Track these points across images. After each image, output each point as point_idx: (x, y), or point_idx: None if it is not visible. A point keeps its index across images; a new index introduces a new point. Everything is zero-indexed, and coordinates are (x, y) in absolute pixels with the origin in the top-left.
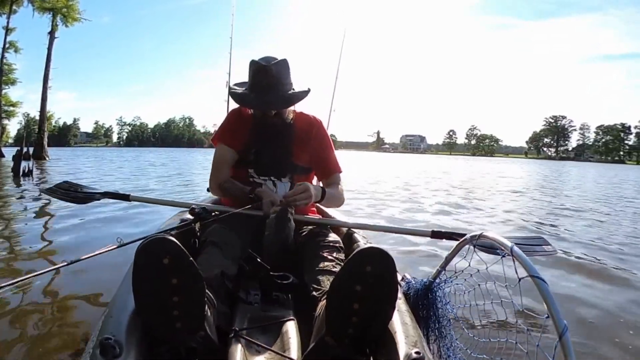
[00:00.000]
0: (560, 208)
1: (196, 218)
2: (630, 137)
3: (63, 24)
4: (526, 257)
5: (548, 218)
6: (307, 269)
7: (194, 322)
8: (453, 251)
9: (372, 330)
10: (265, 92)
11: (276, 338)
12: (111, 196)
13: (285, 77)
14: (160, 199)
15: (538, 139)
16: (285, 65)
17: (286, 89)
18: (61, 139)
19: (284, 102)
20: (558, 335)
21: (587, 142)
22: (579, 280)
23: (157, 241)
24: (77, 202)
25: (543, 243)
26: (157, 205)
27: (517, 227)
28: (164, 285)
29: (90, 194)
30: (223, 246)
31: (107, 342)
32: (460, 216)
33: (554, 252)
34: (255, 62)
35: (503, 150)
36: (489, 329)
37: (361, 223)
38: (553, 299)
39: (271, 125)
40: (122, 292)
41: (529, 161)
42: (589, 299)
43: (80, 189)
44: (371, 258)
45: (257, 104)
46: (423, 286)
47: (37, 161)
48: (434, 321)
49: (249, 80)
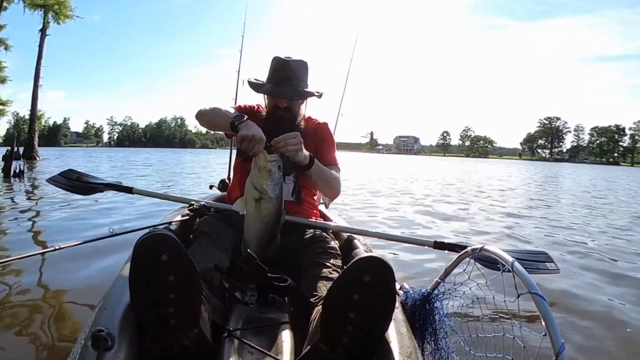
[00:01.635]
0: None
1: (195, 214)
2: (624, 138)
3: (55, 21)
4: (527, 273)
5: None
6: (304, 275)
7: (189, 320)
8: (453, 263)
9: (367, 339)
10: (281, 83)
11: (270, 340)
12: (115, 188)
13: (302, 75)
14: (162, 194)
15: (532, 141)
16: (304, 65)
17: (301, 85)
18: (51, 138)
19: (297, 93)
20: (554, 353)
21: (581, 144)
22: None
23: (156, 237)
24: (81, 193)
25: (546, 260)
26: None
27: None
28: (161, 281)
29: (95, 184)
30: (215, 237)
31: (100, 334)
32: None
33: (556, 271)
34: (276, 57)
35: (497, 152)
36: (486, 344)
37: (362, 229)
38: (551, 316)
39: (279, 120)
40: (118, 285)
41: (522, 163)
42: (587, 311)
43: (85, 178)
44: (370, 267)
45: (271, 91)
46: (421, 297)
47: (28, 161)
48: (430, 332)
49: (268, 74)
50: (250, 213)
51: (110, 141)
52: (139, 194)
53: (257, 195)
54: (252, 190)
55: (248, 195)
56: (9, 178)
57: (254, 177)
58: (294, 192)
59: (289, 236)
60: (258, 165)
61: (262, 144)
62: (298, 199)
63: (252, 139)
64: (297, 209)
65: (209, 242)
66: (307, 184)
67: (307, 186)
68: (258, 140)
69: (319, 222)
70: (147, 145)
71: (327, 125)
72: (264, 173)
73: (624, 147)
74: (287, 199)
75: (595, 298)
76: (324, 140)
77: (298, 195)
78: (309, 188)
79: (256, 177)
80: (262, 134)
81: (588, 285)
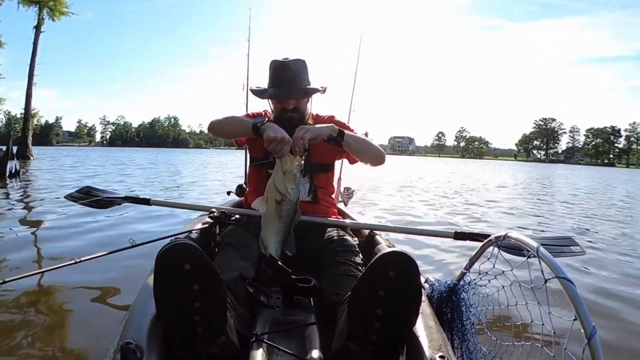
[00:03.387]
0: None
1: (215, 222)
2: (620, 140)
3: (49, 17)
4: (553, 257)
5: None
6: (325, 274)
7: (215, 327)
8: (477, 253)
9: (396, 335)
10: (284, 85)
11: (298, 342)
12: (132, 201)
13: (303, 73)
14: (181, 203)
15: (528, 142)
16: (303, 64)
17: (304, 83)
18: (43, 138)
19: (302, 92)
20: (586, 337)
21: (577, 145)
22: (606, 279)
23: (178, 246)
24: (98, 207)
25: (571, 243)
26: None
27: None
28: (185, 291)
29: (112, 198)
30: (241, 248)
31: (128, 346)
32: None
33: (582, 253)
34: (274, 60)
35: (492, 153)
36: (514, 332)
37: (382, 225)
38: (581, 300)
39: (290, 121)
40: (143, 297)
41: (518, 164)
42: (618, 297)
43: (101, 193)
44: (394, 263)
45: (276, 94)
46: (447, 289)
47: (22, 161)
48: (457, 324)
49: (269, 79)
50: (270, 214)
51: (102, 141)
52: (157, 205)
53: (280, 197)
54: (275, 192)
55: (269, 196)
56: (4, 179)
57: (278, 180)
58: (310, 192)
59: (308, 236)
60: (284, 168)
61: (289, 146)
62: (314, 199)
63: (281, 141)
64: (314, 209)
65: (235, 253)
66: (323, 183)
67: (324, 185)
68: (287, 142)
69: (337, 220)
70: (140, 144)
71: (334, 117)
72: (289, 177)
73: (619, 148)
74: (303, 199)
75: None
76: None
77: (314, 195)
78: (326, 187)
79: (280, 180)
80: (288, 135)
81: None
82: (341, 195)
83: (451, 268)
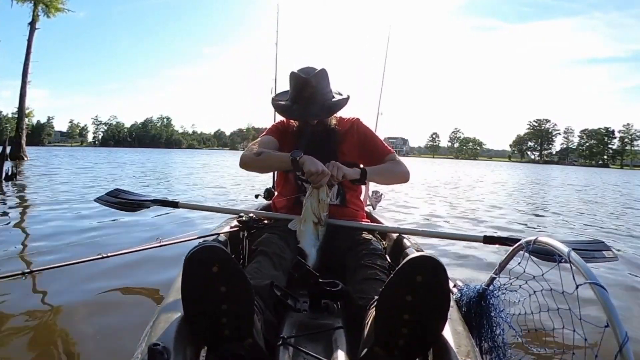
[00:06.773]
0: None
1: (244, 226)
2: (614, 141)
3: (45, 14)
4: (584, 263)
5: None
6: (351, 277)
7: (243, 329)
8: (507, 257)
9: (423, 340)
10: (307, 103)
11: (324, 346)
12: (160, 203)
13: (325, 87)
14: (209, 206)
15: (522, 143)
16: (325, 75)
17: (327, 97)
18: (35, 138)
19: (326, 111)
20: (619, 345)
21: (571, 146)
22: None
23: (206, 249)
24: (128, 210)
25: (603, 248)
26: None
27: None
28: (213, 293)
29: (141, 201)
30: (274, 257)
31: (156, 348)
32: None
33: (614, 259)
34: (295, 74)
35: (486, 154)
36: (544, 338)
37: (410, 229)
38: (613, 306)
39: (314, 134)
40: (171, 298)
41: (512, 165)
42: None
43: (130, 196)
44: (422, 267)
45: (300, 115)
46: (476, 294)
47: (16, 161)
48: (487, 330)
49: (290, 92)
50: (307, 231)
51: (95, 141)
52: (185, 208)
53: (316, 220)
54: (312, 215)
55: (307, 217)
56: (0, 183)
57: (315, 207)
58: (339, 195)
59: (334, 240)
60: (320, 197)
61: (327, 177)
62: (343, 202)
63: (321, 174)
64: (342, 212)
65: (268, 262)
66: (351, 186)
67: (352, 188)
68: (326, 175)
69: (364, 223)
70: (132, 145)
71: (360, 120)
72: (323, 206)
73: (613, 149)
74: (332, 203)
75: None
76: (365, 135)
77: (342, 198)
78: (354, 189)
79: (316, 207)
80: (325, 168)
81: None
82: (369, 199)
83: (481, 272)
